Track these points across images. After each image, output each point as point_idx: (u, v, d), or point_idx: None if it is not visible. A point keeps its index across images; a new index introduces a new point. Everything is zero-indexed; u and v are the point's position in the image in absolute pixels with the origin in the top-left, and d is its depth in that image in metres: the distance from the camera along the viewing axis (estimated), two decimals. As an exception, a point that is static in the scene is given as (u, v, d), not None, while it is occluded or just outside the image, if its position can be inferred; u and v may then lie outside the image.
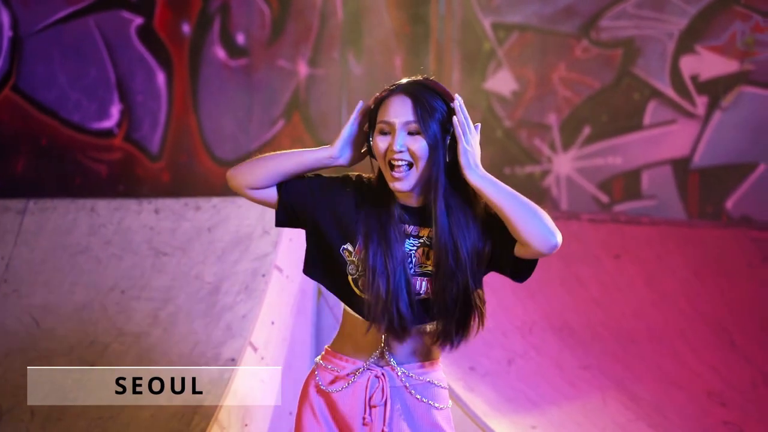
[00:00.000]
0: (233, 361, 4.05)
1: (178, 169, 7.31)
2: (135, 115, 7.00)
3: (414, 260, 2.61)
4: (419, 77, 2.62)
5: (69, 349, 4.31)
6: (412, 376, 2.67)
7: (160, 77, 7.20)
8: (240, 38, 7.79)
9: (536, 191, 8.97)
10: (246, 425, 4.04)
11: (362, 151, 2.65)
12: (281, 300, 4.26)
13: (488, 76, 9.26)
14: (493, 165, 9.15)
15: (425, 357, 2.70)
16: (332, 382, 2.69)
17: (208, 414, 3.96)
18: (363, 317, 2.62)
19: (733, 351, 5.98)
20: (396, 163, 2.55)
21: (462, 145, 2.53)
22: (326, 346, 2.77)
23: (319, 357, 2.76)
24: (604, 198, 8.64)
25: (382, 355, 2.65)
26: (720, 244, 7.02)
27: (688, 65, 8.41)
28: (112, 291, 4.41)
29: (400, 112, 2.55)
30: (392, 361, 2.65)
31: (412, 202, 2.63)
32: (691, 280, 6.38)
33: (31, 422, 4.15)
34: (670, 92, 8.46)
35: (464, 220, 2.59)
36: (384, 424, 2.63)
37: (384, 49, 8.93)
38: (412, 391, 2.67)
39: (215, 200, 4.50)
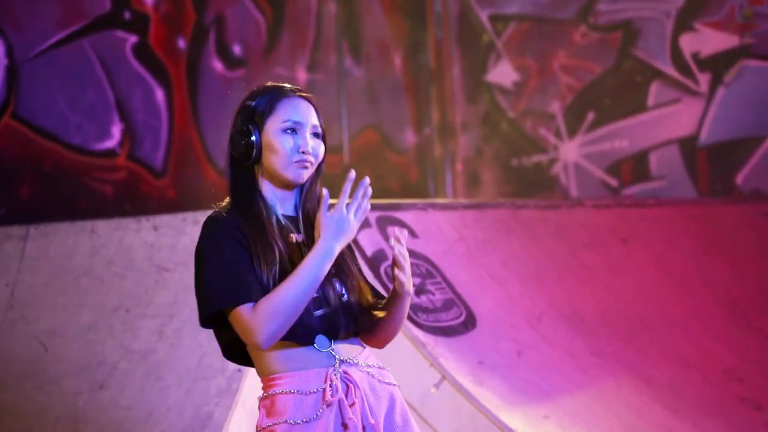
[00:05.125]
0: (240, 372, 4.06)
1: (184, 184, 7.33)
2: (136, 133, 7.02)
3: None
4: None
5: (78, 370, 4.33)
6: (364, 364, 2.63)
7: (159, 94, 7.23)
8: (236, 49, 7.81)
9: (544, 180, 8.95)
10: (257, 435, 4.05)
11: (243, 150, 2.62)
12: (285, 308, 4.26)
13: (489, 68, 9.24)
14: (500, 157, 9.14)
15: (359, 343, 2.68)
16: (297, 409, 2.55)
17: (217, 426, 3.98)
18: (299, 339, 2.57)
19: (748, 327, 5.95)
20: (305, 161, 2.58)
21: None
22: (264, 378, 2.63)
23: (265, 389, 2.62)
24: (613, 182, 8.61)
25: (338, 364, 2.59)
26: (731, 221, 6.99)
27: (688, 43, 8.37)
28: (117, 310, 4.43)
29: (308, 114, 2.63)
30: (351, 359, 2.61)
31: (291, 208, 2.66)
32: (701, 258, 6.36)
33: (44, 447, 4.18)
34: (671, 72, 8.42)
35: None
36: (365, 419, 2.56)
37: (382, 50, 8.93)
38: (375, 375, 2.64)
39: (213, 213, 4.50)
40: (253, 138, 2.60)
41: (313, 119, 2.62)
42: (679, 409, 4.91)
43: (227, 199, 2.66)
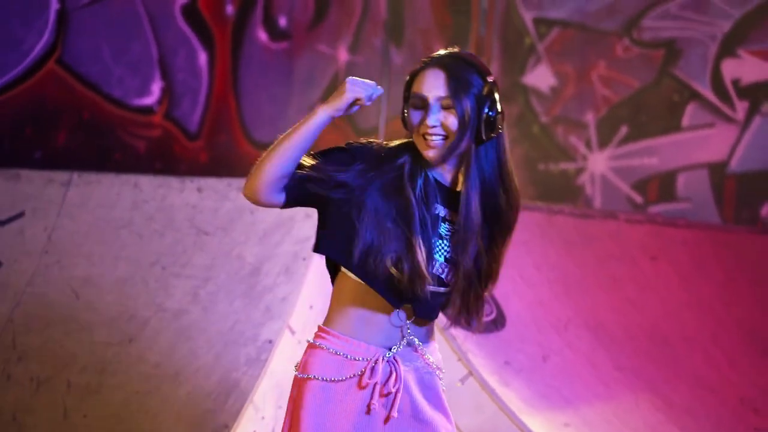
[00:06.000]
0: (271, 343, 4.06)
1: (216, 149, 7.33)
2: (175, 93, 7.02)
3: (444, 245, 2.55)
4: (455, 50, 2.57)
5: (108, 322, 4.34)
6: (428, 355, 2.61)
7: (202, 56, 7.22)
8: (282, 21, 7.80)
9: (569, 188, 8.94)
10: (280, 407, 4.05)
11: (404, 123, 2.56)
12: (321, 285, 4.26)
13: (527, 70, 9.22)
14: (527, 160, 9.13)
15: (433, 335, 2.66)
16: (337, 370, 2.56)
17: (243, 395, 3.98)
18: (393, 301, 2.53)
19: (763, 357, 5.95)
20: (429, 138, 2.50)
21: None
22: (322, 326, 2.60)
23: (315, 337, 2.59)
24: (638, 198, 8.60)
25: (405, 342, 2.56)
26: (755, 251, 6.98)
27: (730, 69, 8.35)
28: (153, 267, 4.43)
29: (433, 85, 2.49)
30: (418, 343, 2.58)
31: (447, 178, 2.57)
32: (726, 284, 6.35)
33: (68, 393, 4.17)
34: (710, 95, 8.40)
35: (493, 201, 2.55)
36: (392, 410, 2.53)
37: (425, 39, 8.91)
38: (433, 367, 2.62)
39: (259, 182, 4.50)
40: (405, 113, 2.54)
41: (437, 90, 2.49)
42: (693, 431, 4.91)
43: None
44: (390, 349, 2.55)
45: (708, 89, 8.42)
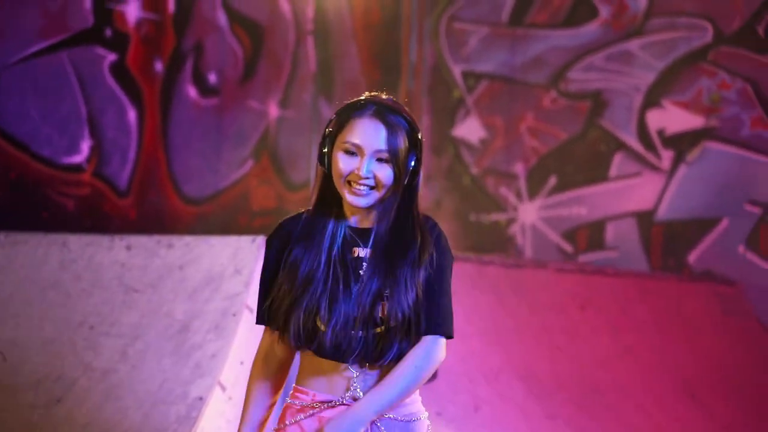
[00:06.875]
0: (201, 400, 4.04)
1: (146, 206, 7.29)
2: (105, 150, 6.99)
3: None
4: (384, 98, 2.61)
5: (35, 383, 4.28)
6: (389, 416, 2.60)
7: (132, 114, 7.20)
8: (212, 77, 7.82)
9: (501, 239, 9.02)
10: (212, 465, 4.02)
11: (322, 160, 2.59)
12: (251, 340, 4.25)
13: (457, 123, 9.33)
14: (458, 212, 9.20)
15: None
16: (300, 411, 2.64)
17: (174, 453, 3.94)
18: (327, 357, 2.58)
19: (694, 403, 6.03)
20: (357, 187, 2.52)
21: None
22: (294, 385, 2.71)
23: (289, 397, 2.70)
24: (568, 247, 8.70)
25: (352, 395, 2.58)
26: (682, 297, 7.09)
27: (655, 119, 8.52)
28: (81, 326, 4.39)
29: (372, 138, 2.52)
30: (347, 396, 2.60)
31: (366, 222, 2.59)
32: (653, 331, 6.44)
33: (-5, 457, 4.11)
34: (636, 145, 8.56)
35: (404, 248, 2.55)
36: None
37: (354, 93, 8.96)
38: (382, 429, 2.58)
39: (188, 238, 4.50)
40: (324, 150, 2.57)
41: (378, 143, 2.51)
42: (625, 478, 4.95)
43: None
44: (329, 402, 2.59)
45: (634, 139, 8.57)
